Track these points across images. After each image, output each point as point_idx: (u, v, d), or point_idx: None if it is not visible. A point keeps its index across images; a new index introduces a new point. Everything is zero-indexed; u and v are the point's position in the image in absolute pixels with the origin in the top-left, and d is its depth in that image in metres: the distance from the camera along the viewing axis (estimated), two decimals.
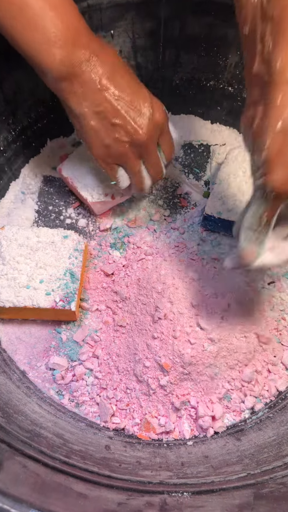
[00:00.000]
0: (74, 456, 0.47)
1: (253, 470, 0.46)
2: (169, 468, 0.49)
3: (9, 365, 0.62)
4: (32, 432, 0.49)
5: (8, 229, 0.66)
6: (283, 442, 0.51)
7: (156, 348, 0.59)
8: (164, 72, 0.80)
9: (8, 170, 0.75)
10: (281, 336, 0.64)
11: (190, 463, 0.51)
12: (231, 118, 0.83)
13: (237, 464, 0.49)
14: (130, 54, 0.76)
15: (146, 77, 0.81)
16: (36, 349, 0.63)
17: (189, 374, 0.58)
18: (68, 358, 0.63)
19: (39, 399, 0.58)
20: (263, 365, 0.62)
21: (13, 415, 0.51)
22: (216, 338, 0.59)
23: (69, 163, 0.72)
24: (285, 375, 0.62)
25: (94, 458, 0.49)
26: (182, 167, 0.81)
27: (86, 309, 0.66)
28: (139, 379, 0.59)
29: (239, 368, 0.61)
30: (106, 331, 0.64)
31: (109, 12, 0.69)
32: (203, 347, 0.58)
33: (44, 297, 0.60)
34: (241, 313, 0.63)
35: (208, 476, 0.46)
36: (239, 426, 0.58)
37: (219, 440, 0.56)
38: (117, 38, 0.73)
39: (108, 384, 0.61)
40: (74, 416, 0.59)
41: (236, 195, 0.69)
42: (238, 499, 0.41)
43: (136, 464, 0.50)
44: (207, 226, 0.72)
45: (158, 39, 0.75)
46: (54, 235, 0.66)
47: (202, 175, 0.80)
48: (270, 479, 0.44)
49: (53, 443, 0.49)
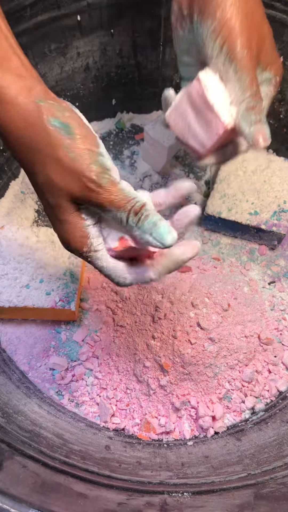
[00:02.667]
0: (74, 456, 0.47)
1: (254, 470, 0.46)
2: (169, 468, 0.49)
3: (8, 365, 0.62)
4: (32, 432, 0.49)
5: (8, 228, 0.66)
6: (283, 442, 0.51)
7: (156, 348, 0.59)
8: (164, 72, 0.80)
9: (7, 169, 0.75)
10: (281, 336, 0.64)
11: (190, 463, 0.51)
12: None
13: (237, 464, 0.48)
14: (130, 53, 0.76)
15: (146, 77, 0.81)
16: (36, 349, 0.63)
17: (189, 374, 0.58)
18: (68, 358, 0.62)
19: (39, 399, 0.58)
20: (264, 365, 0.62)
21: (13, 415, 0.51)
22: (216, 338, 0.59)
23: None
24: (285, 375, 0.62)
25: (94, 458, 0.49)
26: (182, 167, 0.81)
27: (86, 309, 0.66)
28: (139, 379, 0.59)
29: (240, 368, 0.60)
30: (106, 331, 0.64)
31: (109, 11, 0.69)
32: (203, 347, 0.58)
33: (44, 297, 0.60)
34: (241, 313, 0.63)
35: (208, 476, 0.46)
36: (240, 426, 0.58)
37: (220, 440, 0.56)
38: (117, 37, 0.73)
39: (108, 384, 0.60)
40: (74, 416, 0.58)
41: (236, 195, 0.69)
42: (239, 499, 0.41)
43: (136, 464, 0.50)
44: (207, 225, 0.72)
45: (158, 38, 0.75)
46: (53, 235, 0.66)
47: (202, 175, 0.80)
48: (271, 479, 0.44)
49: (53, 443, 0.49)
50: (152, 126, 0.75)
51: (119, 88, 0.82)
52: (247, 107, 0.43)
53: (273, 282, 0.69)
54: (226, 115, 0.45)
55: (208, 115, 0.45)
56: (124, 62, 0.78)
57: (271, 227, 0.67)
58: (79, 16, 0.68)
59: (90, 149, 0.35)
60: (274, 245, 0.71)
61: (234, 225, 0.69)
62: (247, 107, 0.43)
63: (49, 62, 0.72)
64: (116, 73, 0.80)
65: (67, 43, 0.71)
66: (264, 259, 0.71)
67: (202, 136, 0.47)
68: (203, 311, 0.60)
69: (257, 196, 0.69)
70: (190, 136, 0.48)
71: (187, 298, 0.61)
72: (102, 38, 0.73)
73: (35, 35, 0.66)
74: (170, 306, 0.60)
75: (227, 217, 0.68)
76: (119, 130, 0.85)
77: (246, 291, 0.67)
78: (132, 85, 0.82)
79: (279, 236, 0.68)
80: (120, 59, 0.78)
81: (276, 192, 0.69)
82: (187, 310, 0.60)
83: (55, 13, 0.66)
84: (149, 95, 0.84)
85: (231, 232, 0.72)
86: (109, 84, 0.81)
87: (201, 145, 0.48)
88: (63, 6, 0.66)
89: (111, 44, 0.75)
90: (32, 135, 0.34)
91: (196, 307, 0.61)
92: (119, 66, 0.79)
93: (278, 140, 0.79)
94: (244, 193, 0.69)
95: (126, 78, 0.81)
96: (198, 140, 0.48)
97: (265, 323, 0.64)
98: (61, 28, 0.69)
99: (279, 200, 0.69)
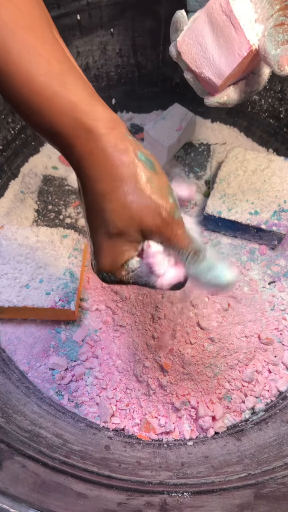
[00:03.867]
0: (73, 456, 0.47)
1: (254, 470, 0.46)
2: (169, 468, 0.49)
3: (8, 365, 0.62)
4: (31, 432, 0.49)
5: (8, 228, 0.65)
6: (283, 442, 0.51)
7: (156, 348, 0.59)
8: (164, 71, 0.80)
9: (7, 169, 0.75)
10: (281, 336, 0.64)
11: (190, 463, 0.51)
12: (231, 117, 0.83)
13: (237, 464, 0.48)
14: (130, 52, 0.76)
15: (146, 76, 0.81)
16: (35, 349, 0.63)
17: (189, 374, 0.58)
18: (68, 358, 0.62)
19: (38, 399, 0.58)
20: (264, 365, 0.62)
21: (13, 415, 0.51)
22: (216, 338, 0.59)
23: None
24: (285, 375, 0.62)
25: (94, 458, 0.49)
26: (183, 166, 0.80)
27: (86, 309, 0.66)
28: (139, 379, 0.59)
29: (240, 368, 0.60)
30: (106, 331, 0.64)
31: (109, 10, 0.69)
32: (203, 347, 0.58)
33: (43, 297, 0.60)
34: (241, 313, 0.63)
35: (208, 476, 0.46)
36: (240, 426, 0.58)
37: (220, 440, 0.56)
38: (116, 36, 0.73)
39: (108, 384, 0.60)
40: (73, 416, 0.58)
41: (236, 195, 0.69)
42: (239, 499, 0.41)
43: (136, 464, 0.50)
44: (207, 225, 0.72)
45: (158, 38, 0.75)
46: (53, 235, 0.66)
47: (203, 174, 0.80)
48: (271, 479, 0.44)
49: (52, 443, 0.49)
50: (152, 126, 0.75)
51: (118, 88, 0.82)
52: (275, 24, 0.39)
53: (273, 282, 0.69)
54: (251, 34, 0.39)
55: (231, 33, 0.40)
56: (124, 61, 0.78)
57: (271, 227, 0.67)
58: (79, 15, 0.68)
59: (167, 184, 0.37)
60: (274, 245, 0.71)
61: (234, 225, 0.69)
62: (275, 24, 0.39)
63: None
64: (116, 73, 0.80)
65: (67, 43, 0.71)
66: (264, 259, 0.71)
67: (221, 62, 0.41)
68: (203, 311, 0.60)
69: (257, 195, 0.69)
70: (205, 63, 0.43)
71: (187, 298, 0.61)
72: (102, 38, 0.73)
73: None
74: (170, 306, 0.60)
75: (227, 216, 0.68)
76: None
77: (246, 291, 0.67)
78: (132, 84, 0.82)
79: (279, 236, 0.68)
80: (120, 58, 0.78)
81: (276, 192, 0.69)
82: (187, 310, 0.60)
83: (54, 12, 0.66)
84: (149, 95, 0.84)
85: (231, 232, 0.72)
86: (108, 83, 0.81)
87: (218, 73, 0.42)
88: (62, 5, 0.66)
89: (111, 43, 0.75)
90: (119, 163, 0.35)
91: (196, 307, 0.60)
92: (118, 66, 0.79)
93: (278, 140, 0.79)
94: (244, 193, 0.69)
95: (126, 78, 0.81)
96: (214, 67, 0.42)
97: (265, 323, 0.64)
98: (61, 27, 0.69)
99: (279, 199, 0.68)
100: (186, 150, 0.82)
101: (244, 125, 0.82)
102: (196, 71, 0.44)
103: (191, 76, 0.45)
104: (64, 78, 0.33)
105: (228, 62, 0.41)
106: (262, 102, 0.77)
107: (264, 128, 0.80)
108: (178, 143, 0.77)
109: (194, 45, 0.43)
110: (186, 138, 0.80)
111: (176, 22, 0.45)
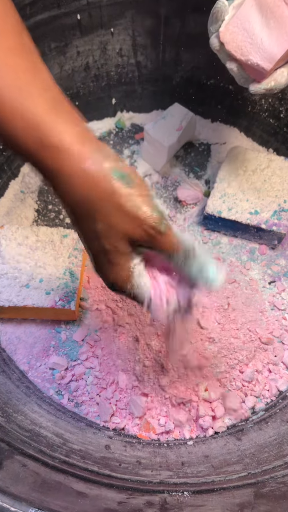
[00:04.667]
0: (74, 456, 0.47)
1: (254, 470, 0.46)
2: (169, 467, 0.49)
3: (8, 364, 0.62)
4: (31, 432, 0.49)
5: (8, 228, 0.65)
6: (283, 442, 0.51)
7: (156, 347, 0.59)
8: (164, 71, 0.80)
9: (7, 169, 0.75)
10: (281, 336, 0.64)
11: (190, 462, 0.51)
12: (231, 117, 0.83)
13: (237, 464, 0.48)
14: (130, 52, 0.76)
15: (146, 76, 0.81)
16: (35, 348, 0.63)
17: (189, 374, 0.58)
18: (68, 357, 0.62)
19: (38, 399, 0.58)
20: (264, 364, 0.62)
21: (13, 414, 0.51)
22: (217, 338, 0.59)
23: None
24: (285, 374, 0.62)
25: (94, 457, 0.49)
26: (183, 166, 0.80)
27: (86, 308, 0.66)
28: (139, 379, 0.59)
29: (240, 368, 0.60)
30: (106, 331, 0.64)
31: (109, 10, 0.69)
32: (203, 347, 0.58)
33: (43, 297, 0.60)
34: (242, 313, 0.63)
35: (208, 476, 0.46)
36: (240, 426, 0.58)
37: (220, 440, 0.56)
38: (117, 36, 0.73)
39: (108, 383, 0.60)
40: (74, 416, 0.58)
41: (236, 194, 0.69)
42: (239, 498, 0.41)
43: (136, 463, 0.50)
44: (207, 225, 0.72)
45: (158, 38, 0.75)
46: (53, 234, 0.66)
47: (203, 174, 0.80)
48: (271, 478, 0.44)
49: (52, 442, 0.49)
50: (152, 126, 0.75)
51: (119, 88, 0.82)
52: None
53: (274, 281, 0.69)
54: None
55: (284, 12, 0.38)
56: (124, 61, 0.78)
57: (271, 227, 0.67)
58: (79, 15, 0.68)
59: (147, 195, 0.36)
60: (275, 245, 0.71)
61: (234, 225, 0.69)
62: None
63: (49, 61, 0.72)
64: (116, 72, 0.80)
65: (67, 42, 0.71)
66: (264, 259, 0.71)
67: (271, 45, 0.40)
68: (203, 311, 0.60)
69: (257, 195, 0.69)
70: (252, 49, 0.42)
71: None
72: (102, 37, 0.73)
73: (35, 34, 0.66)
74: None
75: (227, 216, 0.68)
76: (119, 129, 0.85)
77: (246, 290, 0.67)
78: (132, 84, 0.82)
79: (280, 236, 0.68)
80: (120, 58, 0.78)
81: (276, 192, 0.69)
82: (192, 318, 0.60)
83: (55, 12, 0.66)
84: (149, 95, 0.84)
85: (231, 232, 0.72)
86: (109, 83, 0.81)
87: (267, 57, 0.41)
88: (63, 5, 0.66)
89: (111, 43, 0.75)
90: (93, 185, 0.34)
91: (196, 307, 0.60)
92: (119, 65, 0.79)
93: (278, 140, 0.79)
94: (244, 193, 0.69)
95: (126, 77, 0.81)
96: (264, 52, 0.41)
97: (265, 322, 0.64)
98: (61, 27, 0.69)
99: (279, 199, 0.69)
100: (186, 150, 0.82)
101: (244, 125, 0.82)
102: (241, 59, 0.43)
103: (236, 65, 0.44)
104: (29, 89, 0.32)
105: (279, 43, 0.40)
106: (262, 101, 0.77)
107: (264, 128, 0.80)
108: (178, 143, 0.77)
109: (240, 33, 0.42)
110: (186, 138, 0.80)
111: (217, 12, 0.44)
